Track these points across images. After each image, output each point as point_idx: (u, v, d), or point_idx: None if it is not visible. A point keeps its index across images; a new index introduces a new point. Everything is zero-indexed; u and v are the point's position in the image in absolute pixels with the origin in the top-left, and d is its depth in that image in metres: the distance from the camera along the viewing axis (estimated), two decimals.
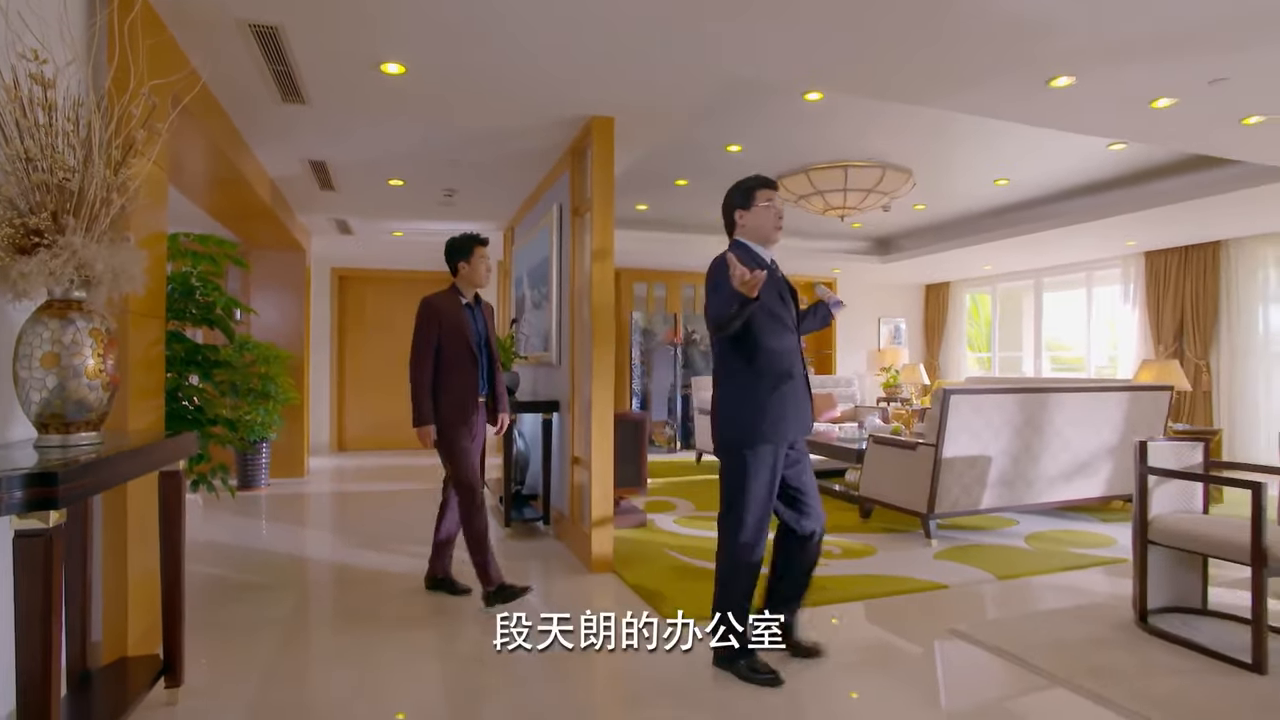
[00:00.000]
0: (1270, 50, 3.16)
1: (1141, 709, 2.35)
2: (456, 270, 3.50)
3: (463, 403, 3.39)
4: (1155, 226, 6.93)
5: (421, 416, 3.33)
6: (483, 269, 3.49)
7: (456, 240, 3.50)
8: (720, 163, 5.76)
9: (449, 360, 3.38)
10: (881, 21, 2.92)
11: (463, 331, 3.41)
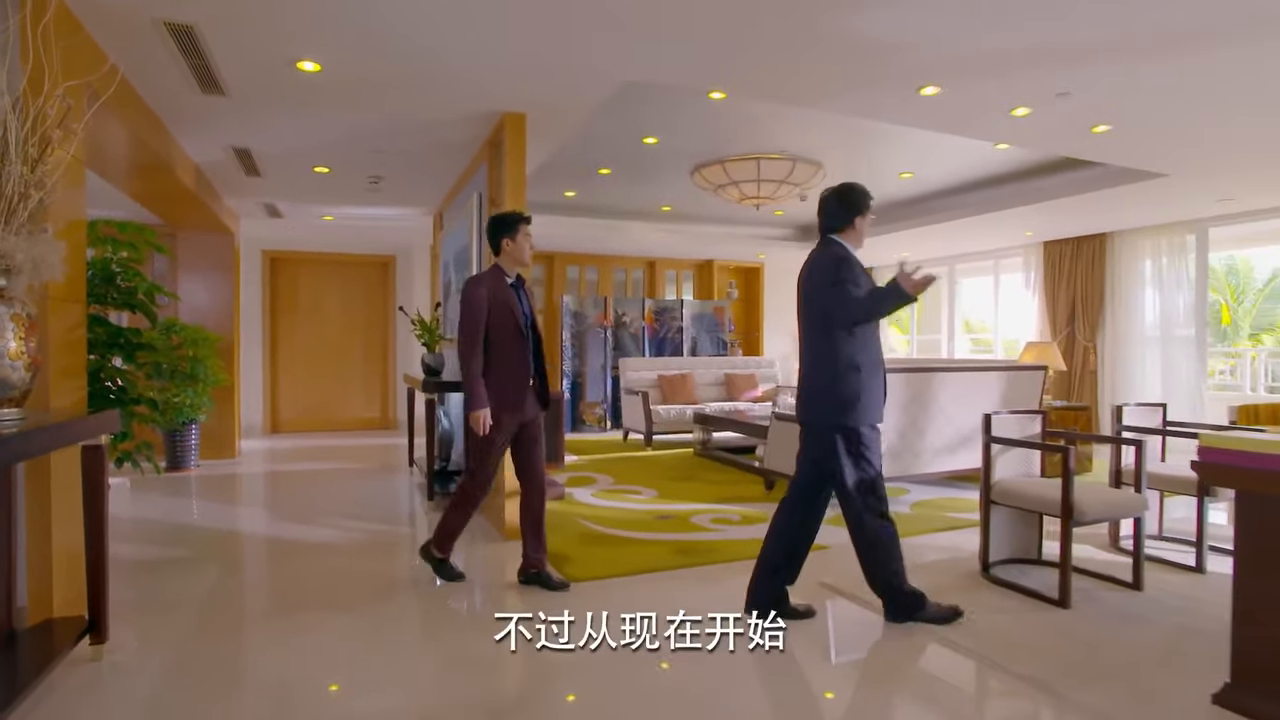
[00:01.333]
0: (1100, 71, 3.59)
1: (961, 640, 2.76)
2: (500, 248, 3.30)
3: (515, 387, 3.25)
4: (1048, 219, 7.47)
5: (477, 400, 3.17)
6: (527, 246, 3.32)
7: (502, 216, 3.33)
8: (638, 153, 6.04)
9: (498, 343, 3.22)
10: (761, 38, 3.23)
11: (512, 312, 3.24)
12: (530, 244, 3.34)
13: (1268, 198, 6.46)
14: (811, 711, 2.32)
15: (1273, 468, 2.08)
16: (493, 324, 3.20)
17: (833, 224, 2.95)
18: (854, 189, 2.96)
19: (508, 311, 3.23)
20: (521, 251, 3.31)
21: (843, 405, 2.81)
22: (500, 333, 3.22)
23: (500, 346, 3.22)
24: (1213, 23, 3.08)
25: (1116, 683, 2.42)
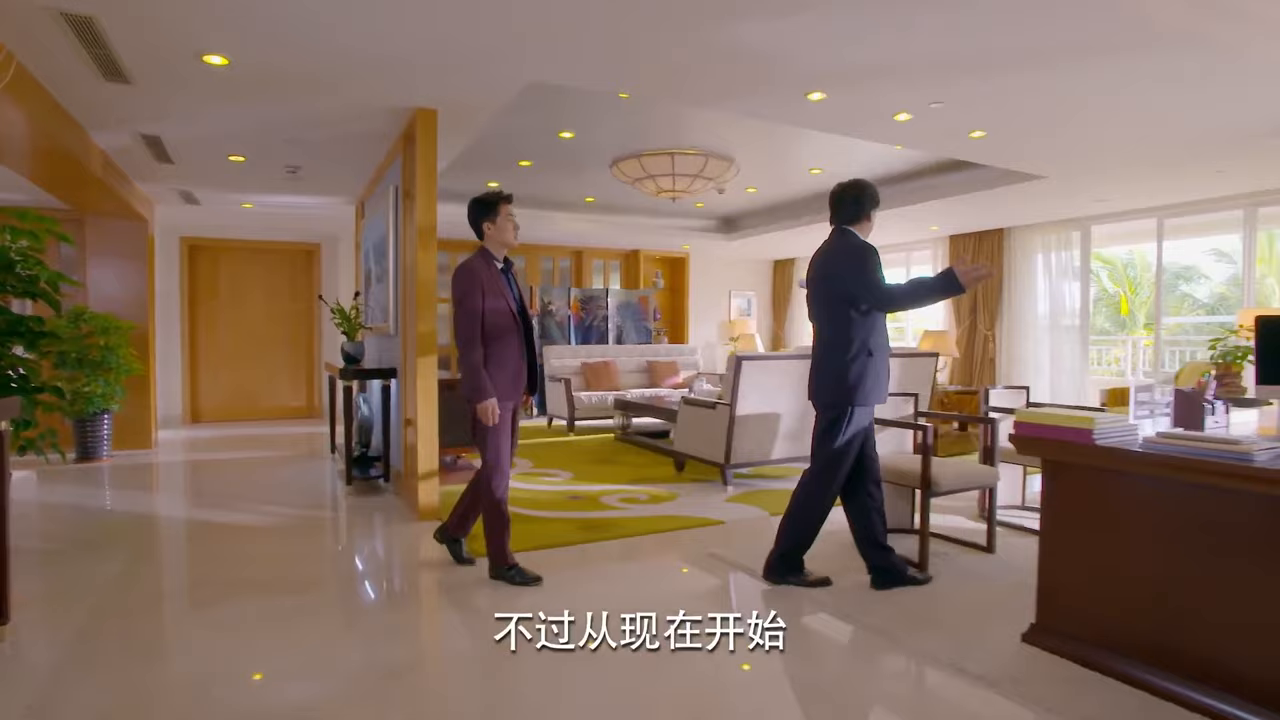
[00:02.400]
0: (967, 85, 3.93)
1: (822, 598, 3.06)
2: (482, 232, 3.22)
3: (512, 374, 3.19)
4: (950, 215, 7.93)
5: (482, 390, 3.08)
6: (510, 227, 3.23)
7: (481, 199, 3.23)
8: (556, 147, 6.20)
9: (492, 329, 3.13)
10: (657, 45, 3.44)
11: (503, 297, 3.17)
12: (514, 224, 3.25)
13: (1141, 199, 7.02)
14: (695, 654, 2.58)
15: (1066, 439, 2.42)
16: (487, 312, 3.11)
17: (848, 216, 3.23)
18: (869, 187, 3.25)
19: (500, 298, 3.16)
20: (505, 233, 3.22)
21: (852, 386, 3.06)
22: (494, 319, 3.13)
23: (495, 333, 3.13)
24: (1054, 46, 3.43)
25: (947, 629, 2.75)
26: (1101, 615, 2.41)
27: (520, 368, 3.23)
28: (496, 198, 3.21)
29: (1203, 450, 2.15)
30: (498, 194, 3.22)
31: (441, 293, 9.79)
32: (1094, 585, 2.43)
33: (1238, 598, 2.08)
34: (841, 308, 3.09)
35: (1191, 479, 2.15)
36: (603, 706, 2.21)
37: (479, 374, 3.08)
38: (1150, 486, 2.28)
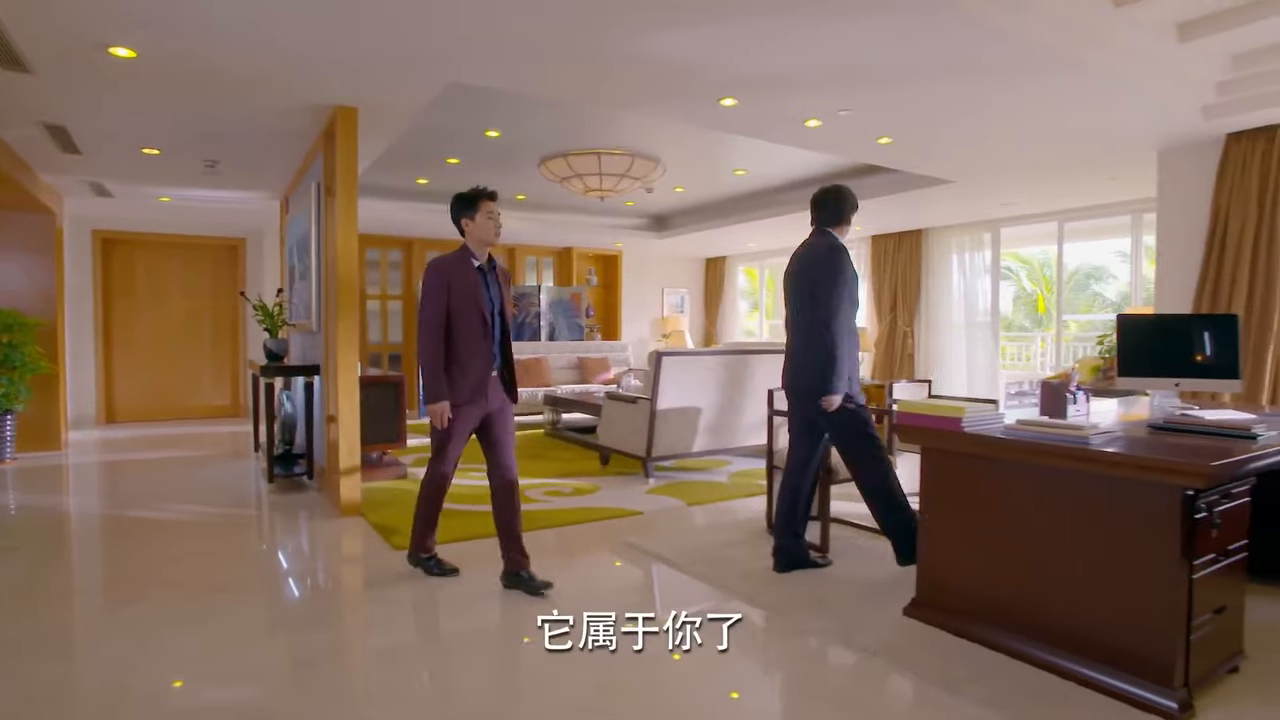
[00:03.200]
0: (869, 94, 4.15)
1: (727, 581, 3.22)
2: (463, 229, 3.12)
3: (476, 379, 3.08)
4: (872, 215, 8.23)
5: (434, 392, 3.00)
6: (492, 226, 3.11)
7: (461, 195, 3.12)
8: (483, 145, 6.24)
9: (460, 330, 3.03)
10: (572, 51, 3.54)
11: (475, 298, 3.05)
12: (496, 223, 3.13)
13: (1043, 203, 7.45)
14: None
15: (938, 427, 2.63)
16: (455, 310, 3.01)
17: (829, 219, 3.44)
18: (848, 192, 3.47)
19: (470, 298, 3.04)
20: (485, 231, 3.09)
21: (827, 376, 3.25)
22: (462, 320, 3.02)
23: (462, 335, 3.03)
24: (948, 62, 3.67)
25: (839, 606, 2.95)
26: (971, 588, 2.62)
27: (485, 372, 3.08)
28: (478, 194, 3.09)
29: (1049, 435, 2.37)
30: (480, 190, 3.11)
31: (371, 289, 9.71)
32: (965, 561, 2.65)
33: (1081, 567, 2.31)
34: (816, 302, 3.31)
35: (1041, 461, 2.38)
36: (518, 690, 2.32)
37: (433, 375, 3.00)
38: (1010, 469, 2.50)
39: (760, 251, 11.17)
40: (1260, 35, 3.94)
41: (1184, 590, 2.11)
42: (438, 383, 3.01)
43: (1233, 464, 2.09)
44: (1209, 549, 2.18)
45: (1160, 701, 2.11)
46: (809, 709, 2.21)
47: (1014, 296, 15.45)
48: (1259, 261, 4.74)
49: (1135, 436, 2.51)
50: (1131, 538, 2.19)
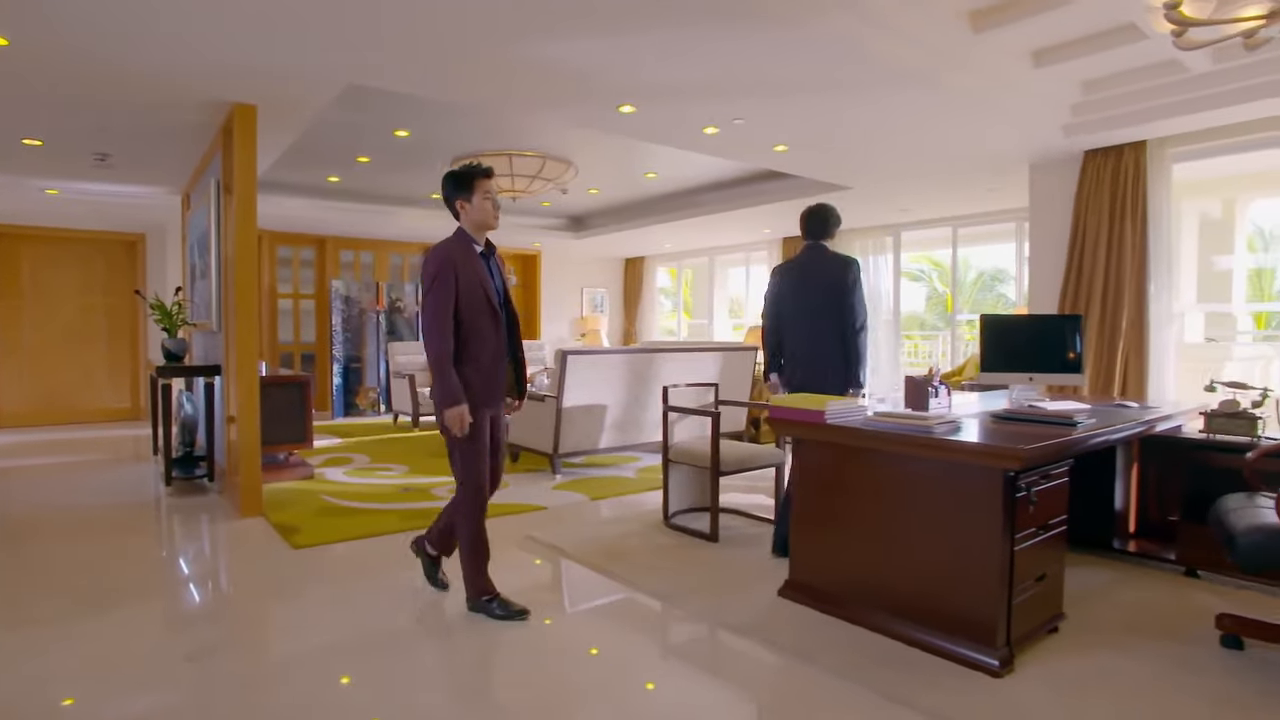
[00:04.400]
0: (761, 105, 4.38)
1: (622, 571, 3.37)
2: (457, 211, 2.82)
3: (489, 376, 2.79)
4: (780, 218, 8.55)
5: (451, 394, 2.67)
6: (490, 206, 2.81)
7: (453, 174, 2.81)
8: (393, 144, 6.23)
9: (469, 323, 2.73)
10: (475, 55, 3.62)
11: (483, 286, 2.76)
12: (495, 203, 2.83)
13: (937, 210, 7.91)
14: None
15: (805, 419, 2.85)
16: (462, 302, 2.71)
17: (819, 233, 3.76)
18: (832, 209, 3.80)
19: (478, 286, 2.74)
20: (482, 213, 2.80)
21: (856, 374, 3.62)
22: (470, 312, 2.73)
23: (472, 328, 2.73)
24: (826, 78, 3.93)
25: (719, 590, 3.13)
26: (835, 568, 2.85)
27: (499, 368, 2.82)
28: (472, 173, 2.80)
29: (899, 425, 2.62)
30: (475, 168, 2.81)
31: (283, 288, 9.50)
32: (830, 543, 2.87)
33: (926, 544, 2.56)
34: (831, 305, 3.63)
35: (892, 449, 2.62)
36: (425, 686, 2.41)
37: (447, 374, 2.66)
38: (868, 457, 2.73)
39: (678, 252, 11.41)
40: (1105, 64, 4.35)
41: (1006, 561, 2.37)
42: (452, 382, 2.66)
43: (1044, 448, 2.37)
44: (1029, 524, 2.46)
45: (984, 660, 2.37)
46: (674, 679, 2.38)
47: (926, 297, 16.27)
48: (1110, 267, 5.20)
49: (972, 426, 2.77)
50: (965, 516, 2.45)
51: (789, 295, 3.76)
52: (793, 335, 3.73)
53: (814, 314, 3.66)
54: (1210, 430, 3.34)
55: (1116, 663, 2.45)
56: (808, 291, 3.69)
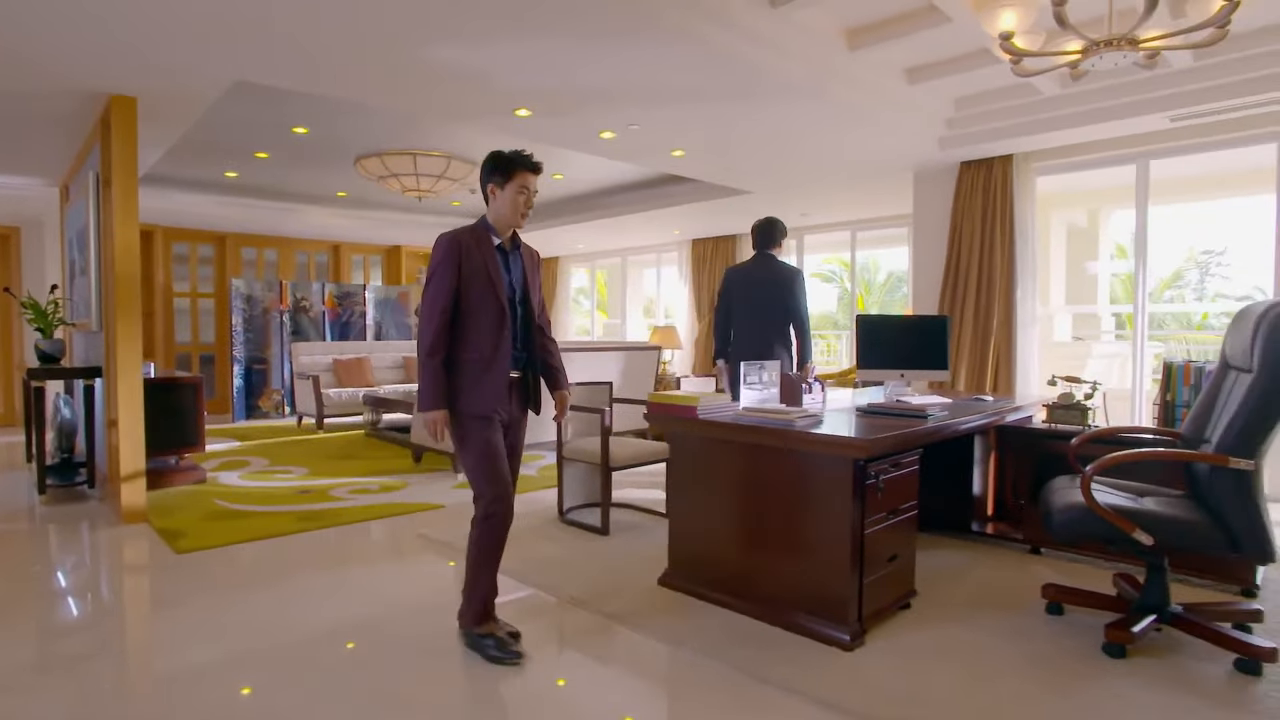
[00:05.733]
0: (654, 111, 4.53)
1: (510, 565, 3.44)
2: (487, 195, 2.59)
3: (496, 379, 2.51)
4: (688, 220, 8.78)
5: (429, 398, 2.43)
6: (520, 203, 2.54)
7: (498, 156, 2.55)
8: (292, 141, 6.11)
9: (471, 319, 2.48)
10: (364, 56, 3.63)
11: (490, 279, 2.50)
12: (526, 199, 2.56)
13: (836, 214, 8.27)
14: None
15: (678, 414, 3.00)
16: (464, 293, 2.47)
17: (770, 242, 4.34)
18: (778, 222, 4.39)
19: (483, 276, 2.49)
20: (509, 206, 2.54)
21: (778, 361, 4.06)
22: (471, 305, 2.47)
23: (471, 324, 2.48)
24: (717, 88, 4.10)
25: (603, 581, 3.25)
26: (709, 556, 3.01)
27: (503, 371, 2.53)
28: (518, 161, 2.54)
29: (765, 419, 2.79)
30: (522, 156, 2.55)
31: (180, 286, 9.12)
32: (704, 532, 3.03)
33: (789, 530, 2.74)
34: (780, 307, 4.23)
35: (758, 440, 2.79)
36: (313, 690, 2.42)
37: (426, 375, 2.45)
38: (737, 450, 2.89)
39: (591, 252, 11.52)
40: (972, 84, 4.70)
41: (857, 543, 2.57)
42: (435, 384, 2.44)
43: (888, 439, 2.58)
44: (879, 508, 2.66)
45: (837, 635, 2.57)
46: (548, 666, 2.48)
47: (838, 297, 16.88)
48: (983, 271, 5.59)
49: (838, 419, 2.98)
50: (821, 502, 2.64)
51: (739, 295, 4.32)
52: (740, 329, 4.32)
53: (759, 313, 4.26)
54: (1051, 420, 3.67)
55: (956, 633, 2.68)
56: (755, 293, 4.27)
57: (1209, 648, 2.53)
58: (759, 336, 4.26)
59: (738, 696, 2.26)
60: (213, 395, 9.16)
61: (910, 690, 2.26)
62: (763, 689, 2.29)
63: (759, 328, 4.28)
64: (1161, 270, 10.82)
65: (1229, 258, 11.04)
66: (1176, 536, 2.43)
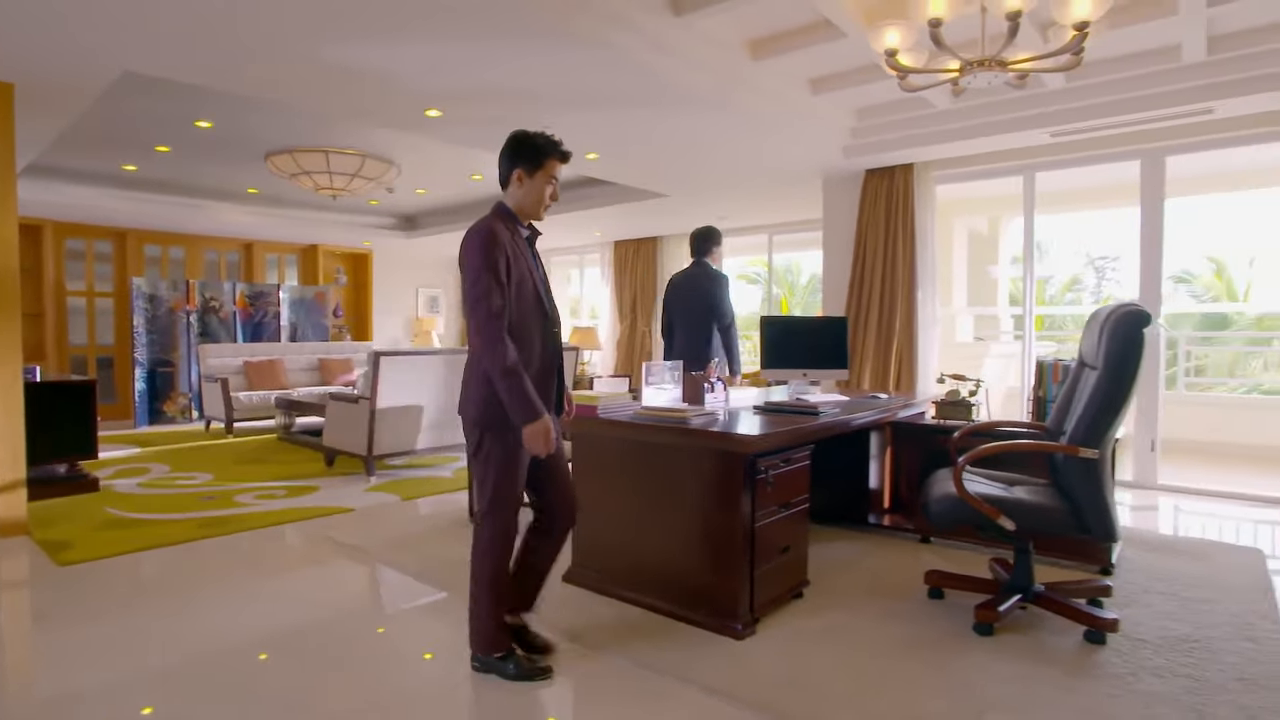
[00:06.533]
0: (564, 114, 4.58)
1: (409, 565, 3.45)
2: (508, 180, 2.37)
3: (546, 382, 2.40)
4: (608, 221, 8.85)
5: (530, 407, 2.20)
6: (547, 194, 2.39)
7: (525, 138, 2.36)
8: (195, 135, 5.91)
9: (516, 324, 2.28)
10: (260, 52, 3.56)
11: (532, 279, 2.35)
12: (554, 189, 2.41)
13: (753, 217, 8.48)
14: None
15: (580, 414, 3.05)
16: (509, 297, 2.26)
17: (705, 250, 4.63)
18: (714, 230, 4.66)
19: (528, 278, 2.33)
20: (536, 196, 2.37)
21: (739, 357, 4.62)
22: (519, 310, 2.29)
23: (519, 330, 2.29)
24: (625, 93, 4.18)
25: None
26: (610, 551, 3.08)
27: (553, 373, 2.43)
28: (551, 147, 2.36)
29: (661, 418, 2.88)
30: (553, 143, 2.37)
31: (74, 285, 8.65)
32: (605, 528, 3.09)
33: (687, 524, 2.83)
34: (708, 315, 4.50)
35: (655, 439, 2.87)
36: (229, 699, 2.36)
37: (515, 384, 2.19)
38: (636, 447, 2.97)
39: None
40: (873, 96, 4.91)
41: (747, 536, 2.68)
42: (526, 392, 2.20)
43: (775, 435, 2.70)
44: (769, 502, 2.78)
45: (729, 624, 2.67)
46: (450, 665, 2.50)
47: (763, 299, 17.25)
48: (886, 274, 5.85)
49: (735, 417, 3.09)
50: (715, 497, 2.73)
51: (676, 300, 4.65)
52: (679, 332, 4.63)
53: (693, 316, 4.56)
54: (939, 416, 3.89)
55: (844, 620, 2.82)
56: (689, 299, 4.58)
57: (1066, 622, 2.74)
58: (695, 340, 4.52)
59: (630, 687, 2.33)
60: (112, 399, 8.73)
61: (792, 674, 2.38)
62: (656, 679, 2.37)
63: (694, 332, 4.54)
64: (1063, 274, 11.48)
65: (1121, 263, 11.81)
66: (1036, 521, 2.62)
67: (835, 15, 3.64)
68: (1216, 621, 2.77)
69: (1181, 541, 3.86)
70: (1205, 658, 2.47)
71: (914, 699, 2.22)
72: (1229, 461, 6.13)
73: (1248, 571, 3.34)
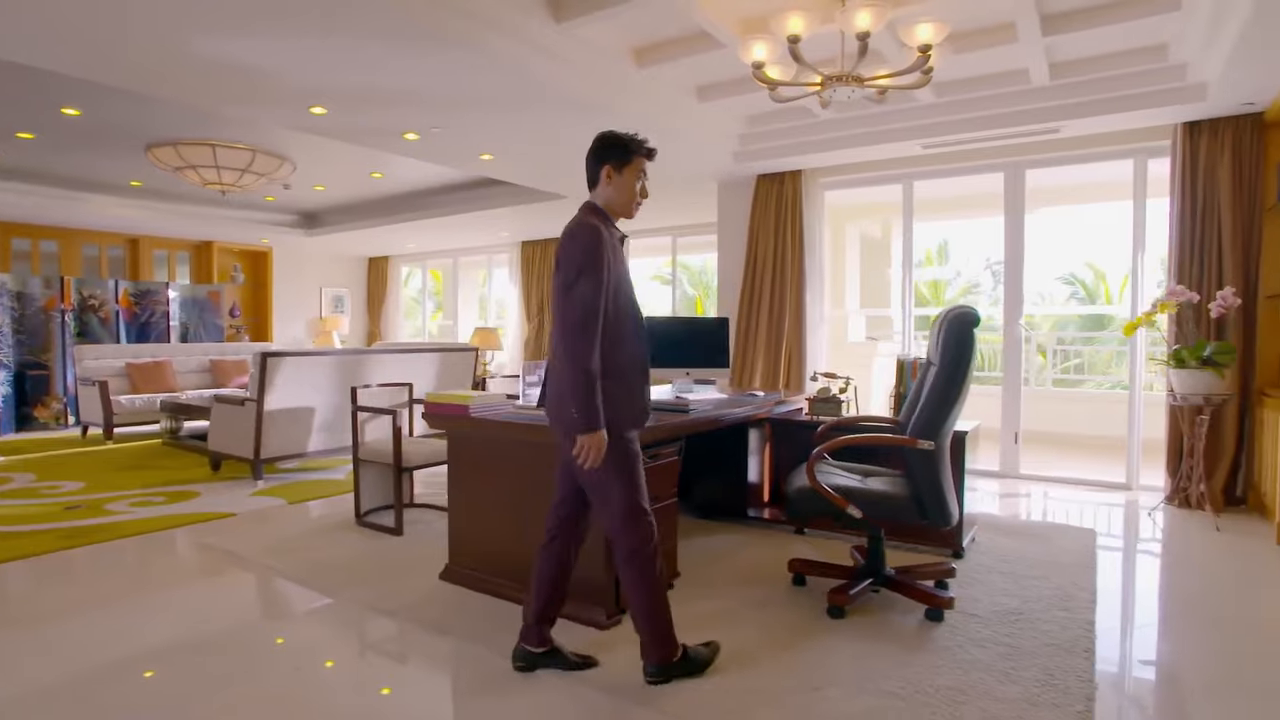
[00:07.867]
0: (455, 115, 4.58)
1: (288, 568, 3.40)
2: (597, 178, 2.32)
3: (639, 393, 2.31)
4: (513, 222, 8.84)
5: (598, 415, 2.14)
6: (638, 190, 2.34)
7: (614, 137, 2.32)
8: (63, 123, 5.62)
9: (614, 328, 2.21)
10: (125, 45, 3.43)
11: (628, 281, 2.29)
12: (643, 187, 2.37)
13: (656, 220, 8.63)
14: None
15: (453, 413, 3.09)
16: (614, 297, 2.20)
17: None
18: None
19: (626, 282, 2.27)
20: (628, 193, 2.32)
21: None
22: (617, 313, 2.22)
23: (617, 334, 2.22)
24: (508, 96, 4.22)
25: (386, 579, 3.28)
26: (483, 548, 3.12)
27: (644, 376, 2.35)
28: (639, 145, 2.33)
29: (529, 416, 2.94)
30: (637, 140, 2.34)
31: None
32: (479, 525, 3.14)
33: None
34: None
35: (519, 437, 2.93)
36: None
37: (587, 388, 2.12)
38: (505, 445, 3.02)
39: (421, 252, 11.31)
40: (758, 104, 5.10)
41: None
42: (595, 402, 2.14)
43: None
44: None
45: (593, 616, 2.76)
46: (315, 657, 2.49)
47: (679, 299, 17.48)
48: (776, 276, 6.08)
49: None
50: None
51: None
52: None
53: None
54: (812, 413, 4.09)
55: (707, 609, 2.95)
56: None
57: (912, 603, 2.95)
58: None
59: (492, 677, 2.39)
60: None
61: None
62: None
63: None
64: (969, 277, 12.08)
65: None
66: (882, 509, 2.81)
67: (712, 27, 3.78)
68: (1041, 595, 3.04)
69: (1031, 525, 4.18)
70: (1024, 627, 2.71)
71: (760, 677, 2.36)
72: (1084, 451, 6.64)
73: (1079, 551, 3.65)
